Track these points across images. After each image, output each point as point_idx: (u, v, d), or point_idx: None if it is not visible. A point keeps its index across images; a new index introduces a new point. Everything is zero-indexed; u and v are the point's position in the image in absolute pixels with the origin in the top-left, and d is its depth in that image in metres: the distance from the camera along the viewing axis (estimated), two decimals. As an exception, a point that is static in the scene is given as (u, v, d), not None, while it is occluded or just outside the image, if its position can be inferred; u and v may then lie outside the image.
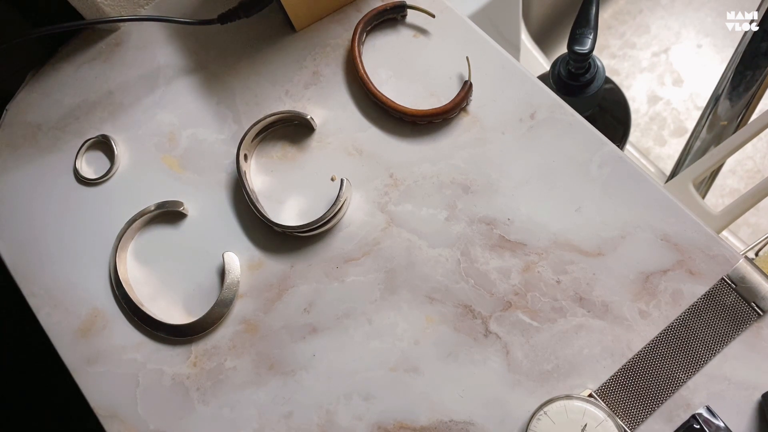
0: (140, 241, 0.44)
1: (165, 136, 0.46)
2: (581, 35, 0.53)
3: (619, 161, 0.39)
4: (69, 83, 0.49)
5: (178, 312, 0.42)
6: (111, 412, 0.40)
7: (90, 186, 0.46)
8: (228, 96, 0.46)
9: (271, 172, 0.44)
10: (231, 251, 0.41)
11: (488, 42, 0.43)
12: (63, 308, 0.43)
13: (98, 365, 0.41)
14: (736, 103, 0.61)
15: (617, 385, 0.35)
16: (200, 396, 0.39)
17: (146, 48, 0.49)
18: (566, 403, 0.34)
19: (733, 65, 0.59)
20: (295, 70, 0.46)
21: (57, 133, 0.48)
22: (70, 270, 0.44)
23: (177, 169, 0.45)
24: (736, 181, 0.95)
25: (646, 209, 0.38)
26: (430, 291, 0.39)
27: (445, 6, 0.45)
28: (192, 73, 0.47)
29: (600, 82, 0.60)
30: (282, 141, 0.44)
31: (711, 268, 0.36)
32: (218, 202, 0.44)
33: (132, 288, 0.42)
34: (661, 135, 0.98)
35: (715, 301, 0.35)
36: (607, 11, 1.06)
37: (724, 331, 0.35)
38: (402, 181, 0.41)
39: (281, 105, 0.45)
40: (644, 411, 0.34)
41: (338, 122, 0.44)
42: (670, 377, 0.35)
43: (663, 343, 0.35)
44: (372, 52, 0.45)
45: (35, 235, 0.45)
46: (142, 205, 0.44)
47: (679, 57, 1.02)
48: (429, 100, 0.43)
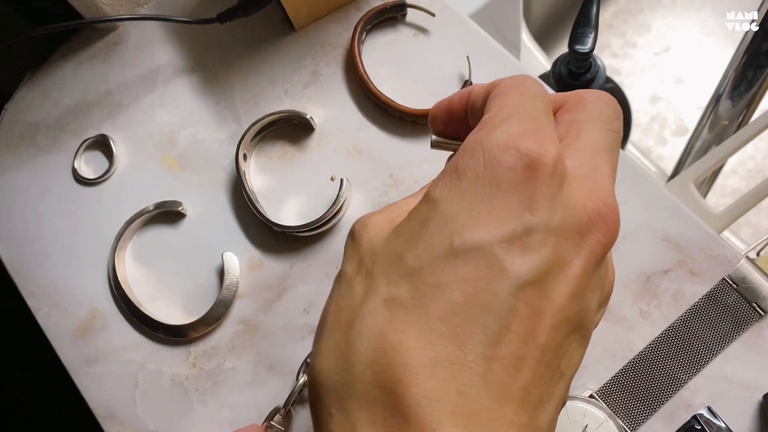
0: (139, 241, 0.44)
1: (164, 135, 0.46)
2: (582, 34, 0.53)
3: (620, 161, 0.39)
4: (68, 82, 0.49)
5: (177, 312, 0.41)
6: (110, 413, 0.40)
7: (89, 186, 0.46)
8: (227, 95, 0.46)
9: (270, 171, 0.44)
10: (230, 251, 0.41)
11: (489, 41, 0.43)
12: (62, 308, 0.43)
13: (97, 366, 0.41)
14: (738, 102, 0.61)
15: (618, 385, 0.35)
16: (199, 396, 0.39)
17: (145, 47, 0.49)
18: (567, 403, 0.34)
19: (734, 65, 0.59)
20: (294, 70, 0.45)
21: (56, 133, 0.48)
22: (68, 270, 0.44)
23: (176, 169, 0.45)
24: (737, 181, 0.95)
25: (647, 209, 0.38)
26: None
27: (445, 5, 0.45)
28: (191, 73, 0.47)
29: (601, 82, 0.60)
30: (281, 141, 0.44)
31: (712, 268, 0.36)
32: (217, 201, 0.43)
33: (131, 288, 0.42)
34: (662, 135, 0.98)
35: (716, 301, 0.35)
36: (608, 10, 1.05)
37: (725, 332, 0.35)
38: (402, 180, 0.41)
39: (281, 104, 0.45)
40: (645, 411, 0.34)
41: (338, 122, 0.44)
42: (671, 378, 0.35)
43: (664, 343, 0.35)
44: (372, 52, 0.45)
45: (34, 235, 0.45)
46: (141, 205, 0.43)
47: (680, 56, 1.02)
48: (429, 100, 0.42)
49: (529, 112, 0.18)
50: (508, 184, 0.17)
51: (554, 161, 0.17)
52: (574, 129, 0.20)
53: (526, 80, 0.20)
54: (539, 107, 0.19)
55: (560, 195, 0.17)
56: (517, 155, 0.17)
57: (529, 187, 0.17)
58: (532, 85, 0.20)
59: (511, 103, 0.19)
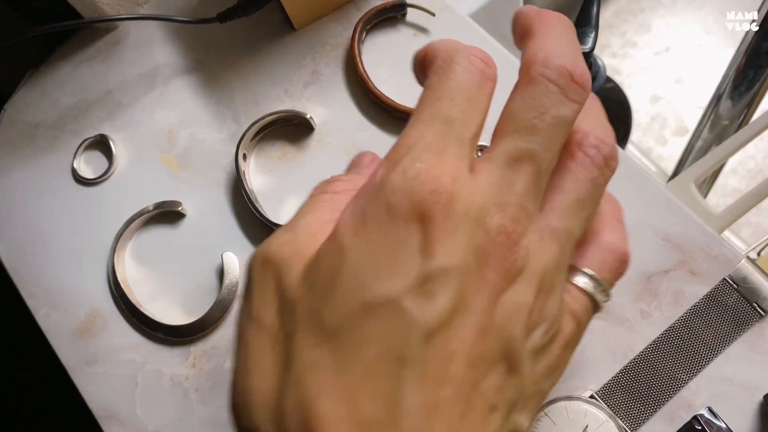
0: (139, 242, 0.44)
1: (164, 135, 0.46)
2: (582, 34, 0.53)
3: (620, 161, 0.39)
4: (67, 82, 0.49)
5: (177, 312, 0.41)
6: (109, 413, 0.40)
7: (88, 186, 0.46)
8: (227, 95, 0.46)
9: (270, 171, 0.44)
10: (230, 251, 0.41)
11: (489, 41, 0.43)
12: (61, 309, 0.43)
13: (97, 366, 0.41)
14: (738, 102, 0.61)
15: (618, 386, 0.35)
16: (199, 397, 0.39)
17: (145, 47, 0.49)
18: (567, 404, 0.34)
19: (734, 64, 0.59)
20: (294, 69, 0.45)
21: (55, 133, 0.48)
22: (68, 270, 0.44)
23: (176, 169, 0.45)
24: (737, 181, 0.95)
25: (648, 209, 0.38)
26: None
27: (445, 5, 0.44)
28: (191, 72, 0.47)
29: (601, 82, 0.60)
30: (281, 140, 0.44)
31: (713, 268, 0.36)
32: (217, 201, 0.43)
33: (130, 288, 0.42)
34: (663, 134, 0.97)
35: (716, 301, 0.35)
36: (609, 10, 1.05)
37: (725, 332, 0.35)
38: (402, 180, 0.41)
39: (280, 104, 0.45)
40: (645, 412, 0.34)
41: (338, 121, 0.43)
42: (671, 378, 0.34)
43: (664, 343, 0.35)
44: (372, 51, 0.45)
45: (33, 235, 0.45)
46: (140, 205, 0.43)
47: (680, 56, 1.02)
48: (429, 100, 0.42)
49: (432, 145, 0.18)
50: (405, 232, 0.17)
51: (448, 202, 0.17)
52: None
53: (452, 77, 0.20)
54: (450, 135, 0.19)
55: (456, 235, 0.17)
56: (411, 203, 0.17)
57: (425, 233, 0.17)
58: (453, 101, 0.20)
59: (416, 133, 0.19)
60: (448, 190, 0.17)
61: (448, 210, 0.17)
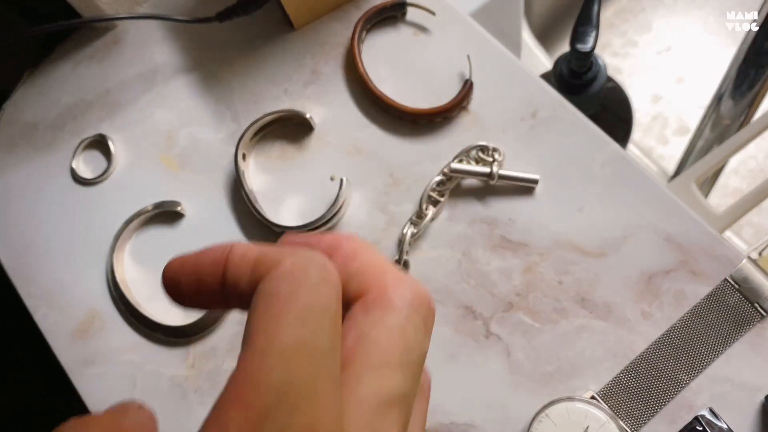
0: (138, 242, 0.44)
1: (163, 135, 0.46)
2: (583, 33, 0.53)
3: (621, 161, 0.39)
4: (66, 82, 0.49)
5: (176, 313, 0.41)
6: (108, 414, 0.40)
7: (87, 186, 0.46)
8: (226, 95, 0.46)
9: (269, 171, 0.43)
10: (229, 251, 0.41)
11: (489, 40, 0.43)
12: (60, 309, 0.43)
13: (95, 367, 0.41)
14: (739, 102, 0.61)
15: (619, 386, 0.35)
16: (199, 398, 0.39)
17: (144, 46, 0.49)
18: (568, 404, 0.33)
19: (736, 64, 0.59)
20: (294, 69, 0.45)
21: (54, 132, 0.47)
22: (67, 270, 0.43)
23: (175, 169, 0.45)
24: (738, 181, 0.94)
25: (649, 209, 0.38)
26: (431, 292, 0.38)
27: (445, 4, 0.44)
28: (190, 72, 0.47)
29: (602, 81, 0.60)
30: (281, 140, 0.44)
31: (714, 268, 0.36)
32: (216, 202, 0.43)
33: (129, 289, 0.42)
34: (664, 134, 0.97)
35: (718, 301, 0.35)
36: (609, 9, 1.05)
37: (727, 332, 0.35)
38: (402, 180, 0.41)
39: (280, 104, 0.45)
40: (647, 413, 0.34)
41: (338, 121, 0.43)
42: (672, 379, 0.34)
43: (665, 344, 0.35)
44: (372, 51, 0.45)
45: (32, 236, 0.45)
46: (139, 205, 0.43)
47: (681, 55, 1.01)
48: (429, 99, 0.42)
49: (295, 356, 0.14)
50: None
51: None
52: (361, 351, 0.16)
53: (304, 280, 0.15)
54: (312, 346, 0.14)
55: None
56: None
57: None
58: (310, 292, 0.15)
59: (272, 340, 0.14)
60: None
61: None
